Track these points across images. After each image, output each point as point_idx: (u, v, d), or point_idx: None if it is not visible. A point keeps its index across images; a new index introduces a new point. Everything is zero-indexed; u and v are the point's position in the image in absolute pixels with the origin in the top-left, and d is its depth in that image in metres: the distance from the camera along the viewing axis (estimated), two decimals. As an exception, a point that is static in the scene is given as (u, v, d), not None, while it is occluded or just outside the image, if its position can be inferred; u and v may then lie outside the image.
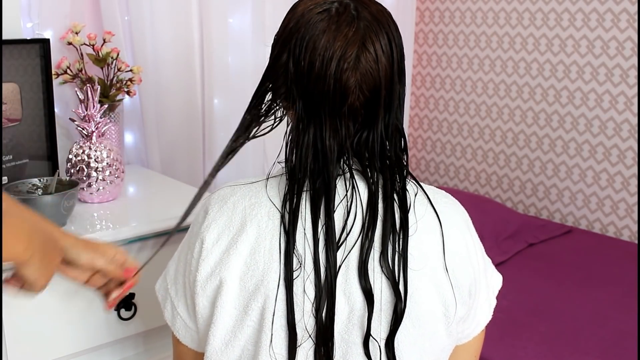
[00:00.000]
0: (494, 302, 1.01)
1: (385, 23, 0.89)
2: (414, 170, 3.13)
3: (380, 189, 0.89)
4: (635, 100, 2.41)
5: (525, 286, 2.03)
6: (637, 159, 2.43)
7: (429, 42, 2.98)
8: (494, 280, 1.02)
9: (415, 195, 0.92)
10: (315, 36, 0.86)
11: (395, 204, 0.89)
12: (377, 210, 0.88)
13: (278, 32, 0.92)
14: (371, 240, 0.87)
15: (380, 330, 0.87)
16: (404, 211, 0.88)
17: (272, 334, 0.87)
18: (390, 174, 0.90)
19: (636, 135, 2.42)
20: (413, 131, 3.11)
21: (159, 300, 1.01)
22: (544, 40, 2.62)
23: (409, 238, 0.88)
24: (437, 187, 1.14)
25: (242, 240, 0.89)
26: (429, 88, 3.02)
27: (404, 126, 3.36)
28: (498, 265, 2.14)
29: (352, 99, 0.87)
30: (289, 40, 0.89)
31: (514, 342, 1.73)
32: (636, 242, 2.44)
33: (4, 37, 1.47)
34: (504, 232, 2.37)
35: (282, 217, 0.88)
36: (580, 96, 2.55)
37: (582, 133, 2.57)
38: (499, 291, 1.03)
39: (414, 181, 0.94)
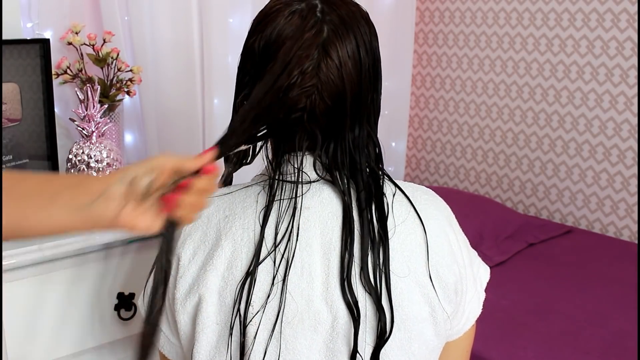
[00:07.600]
0: (482, 296, 0.98)
1: (355, 26, 0.85)
2: (414, 170, 3.14)
3: (354, 201, 0.86)
4: (635, 100, 2.41)
5: (525, 286, 2.03)
6: (637, 159, 2.43)
7: (429, 42, 2.98)
8: (481, 272, 0.99)
9: (394, 195, 0.89)
10: (277, 39, 0.83)
11: (374, 216, 0.85)
12: (354, 223, 0.85)
13: (249, 32, 0.89)
14: (351, 254, 0.84)
15: (365, 345, 0.85)
16: (383, 225, 0.85)
17: (254, 347, 0.85)
18: (364, 186, 0.86)
19: (636, 135, 2.42)
20: (413, 131, 3.11)
21: (142, 315, 1.00)
22: (544, 40, 2.62)
23: (389, 241, 0.85)
24: (436, 187, 1.12)
25: (218, 255, 0.87)
26: (429, 88, 3.02)
27: (404, 126, 3.30)
28: (498, 266, 2.14)
29: (309, 105, 0.83)
30: (253, 42, 0.86)
31: (514, 342, 1.72)
32: (636, 242, 2.43)
33: (4, 37, 1.47)
34: (504, 232, 2.37)
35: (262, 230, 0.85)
36: (580, 96, 2.55)
37: (582, 133, 2.57)
38: (499, 291, 1.01)
39: (390, 181, 0.91)
